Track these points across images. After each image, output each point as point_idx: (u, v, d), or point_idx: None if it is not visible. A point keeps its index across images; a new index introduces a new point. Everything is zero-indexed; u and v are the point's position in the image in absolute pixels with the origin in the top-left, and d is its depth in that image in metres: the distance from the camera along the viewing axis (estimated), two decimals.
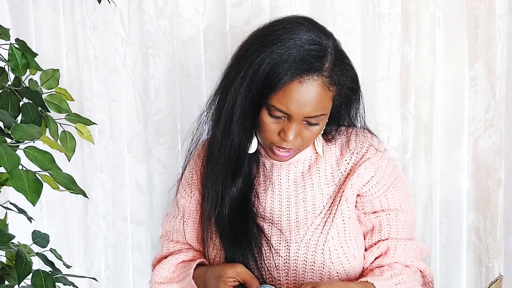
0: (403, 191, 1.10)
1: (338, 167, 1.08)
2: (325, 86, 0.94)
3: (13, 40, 1.05)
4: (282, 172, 1.09)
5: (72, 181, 0.91)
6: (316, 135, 1.01)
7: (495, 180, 1.42)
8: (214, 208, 1.06)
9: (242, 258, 1.03)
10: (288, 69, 0.91)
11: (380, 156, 1.09)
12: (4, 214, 1.19)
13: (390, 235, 1.08)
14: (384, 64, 1.41)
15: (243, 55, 0.97)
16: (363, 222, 1.09)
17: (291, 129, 0.96)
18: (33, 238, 1.11)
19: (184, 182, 1.16)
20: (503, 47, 1.37)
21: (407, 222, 1.09)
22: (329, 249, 1.03)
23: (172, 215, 1.20)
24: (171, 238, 1.19)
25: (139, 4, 1.40)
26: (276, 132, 0.98)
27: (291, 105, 0.93)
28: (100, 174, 1.46)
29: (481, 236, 1.46)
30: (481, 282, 1.47)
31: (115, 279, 1.51)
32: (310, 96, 0.93)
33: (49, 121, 1.08)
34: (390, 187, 1.08)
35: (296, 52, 0.92)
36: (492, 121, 1.42)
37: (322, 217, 1.05)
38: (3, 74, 1.08)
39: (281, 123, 0.97)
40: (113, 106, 1.44)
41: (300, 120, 0.96)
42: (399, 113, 1.43)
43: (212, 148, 1.06)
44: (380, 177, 1.07)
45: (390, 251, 1.07)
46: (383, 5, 1.39)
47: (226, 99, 0.99)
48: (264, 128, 0.98)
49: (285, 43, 0.93)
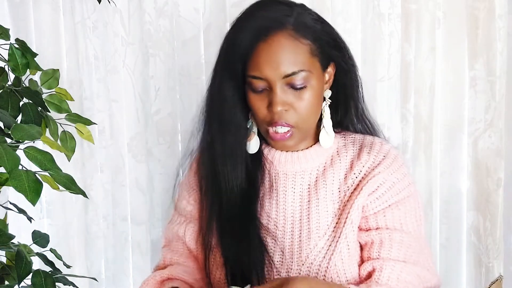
0: (410, 212, 0.98)
1: (346, 181, 0.99)
2: (293, 38, 0.90)
3: (13, 40, 1.05)
4: (288, 183, 1.01)
5: (72, 181, 0.91)
6: (310, 105, 0.93)
7: (495, 180, 1.42)
8: (213, 215, 1.01)
9: (242, 271, 0.97)
10: (250, 33, 0.90)
11: (393, 171, 0.98)
12: (4, 214, 1.19)
13: (380, 255, 0.95)
14: (384, 64, 1.41)
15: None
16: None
17: (276, 96, 0.91)
18: (33, 238, 1.11)
19: (190, 188, 1.09)
20: (503, 47, 1.37)
21: (404, 243, 0.96)
22: (331, 276, 0.96)
23: (176, 222, 1.12)
24: (171, 248, 1.12)
25: (139, 4, 1.40)
26: (265, 107, 0.93)
27: (264, 66, 0.89)
28: (100, 174, 1.46)
29: (481, 236, 1.46)
30: (481, 282, 1.47)
31: (115, 279, 1.51)
32: (280, 51, 0.89)
33: (49, 121, 1.08)
34: (393, 205, 0.97)
35: (259, 16, 0.91)
36: (492, 121, 1.41)
37: (326, 240, 0.98)
38: (3, 74, 1.08)
39: (266, 95, 0.92)
40: (113, 106, 1.44)
41: (282, 85, 0.91)
42: (399, 113, 1.43)
43: (207, 149, 1.01)
44: (383, 192, 0.97)
45: (385, 270, 0.94)
46: (383, 5, 1.39)
47: (211, 94, 0.98)
48: (254, 109, 0.94)
49: (249, 16, 0.92)
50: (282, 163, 1.01)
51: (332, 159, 1.02)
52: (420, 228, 0.99)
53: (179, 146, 1.46)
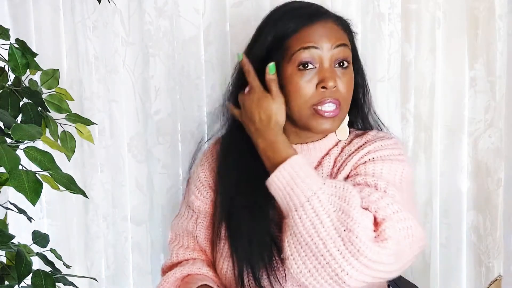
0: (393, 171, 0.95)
1: (335, 164, 1.01)
2: (337, 25, 0.97)
3: (13, 40, 1.05)
4: None
5: (72, 181, 0.91)
6: (351, 86, 0.97)
7: (495, 180, 1.42)
8: (227, 208, 1.02)
9: (252, 267, 0.98)
10: (296, 18, 0.95)
11: (381, 141, 0.99)
12: (4, 214, 1.19)
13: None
14: (384, 64, 1.41)
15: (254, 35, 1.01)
16: None
17: (329, 70, 0.93)
18: (33, 238, 1.11)
19: (198, 182, 1.10)
20: (503, 47, 1.37)
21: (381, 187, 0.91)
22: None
23: (184, 217, 1.14)
24: (181, 244, 1.13)
25: (139, 4, 1.40)
26: (313, 86, 0.93)
27: (317, 36, 0.94)
28: (100, 174, 1.46)
29: (481, 236, 1.46)
30: (481, 282, 1.47)
31: (115, 279, 1.51)
32: (329, 28, 0.95)
33: (49, 121, 1.08)
34: (378, 160, 0.95)
35: (301, 7, 0.99)
36: (492, 121, 1.41)
37: None
38: (3, 74, 1.08)
39: (314, 75, 0.93)
40: (113, 106, 1.44)
41: (331, 60, 0.94)
42: (399, 113, 1.43)
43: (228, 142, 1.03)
44: (368, 151, 0.97)
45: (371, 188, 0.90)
46: (383, 5, 1.39)
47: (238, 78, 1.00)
48: (299, 88, 0.93)
49: (289, 8, 0.99)
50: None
51: (329, 151, 1.04)
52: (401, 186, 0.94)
53: (179, 146, 1.46)
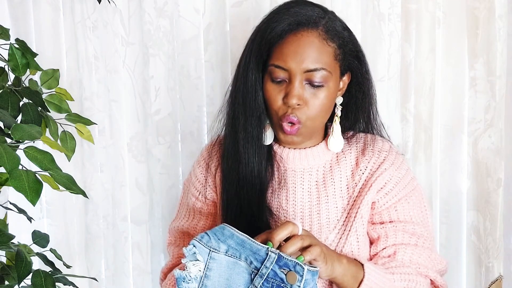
0: (416, 205, 1.05)
1: (353, 178, 1.04)
2: (321, 38, 0.95)
3: (13, 40, 1.05)
4: (296, 179, 1.05)
5: (72, 181, 0.91)
6: (322, 105, 0.97)
7: (495, 180, 1.42)
8: (229, 208, 1.03)
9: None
10: (283, 24, 0.94)
11: (397, 167, 1.04)
12: (4, 214, 1.18)
13: (396, 242, 1.02)
14: (384, 64, 1.41)
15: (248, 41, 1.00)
16: (368, 232, 1.05)
17: (294, 89, 0.94)
18: (33, 238, 1.11)
19: (198, 183, 1.12)
20: (503, 47, 1.37)
21: (416, 232, 1.03)
22: None
23: (184, 219, 1.15)
24: (181, 245, 1.15)
25: (139, 4, 1.40)
26: (280, 99, 0.96)
27: (288, 57, 0.93)
28: (100, 174, 1.46)
29: (481, 236, 1.46)
30: (481, 282, 1.47)
31: (115, 279, 1.51)
32: (307, 47, 0.93)
33: (49, 121, 1.08)
34: (402, 199, 1.03)
35: (294, 12, 0.95)
36: (492, 121, 1.41)
37: (336, 233, 1.02)
38: (3, 74, 1.08)
39: (284, 87, 0.95)
40: (113, 106, 1.44)
41: (301, 79, 0.94)
42: (399, 113, 1.43)
43: (229, 142, 1.03)
44: (392, 188, 1.03)
45: (399, 253, 1.01)
46: (383, 5, 1.39)
47: (237, 80, 1.00)
48: (269, 98, 0.97)
49: (284, 10, 0.97)
50: (290, 160, 1.05)
51: (337, 157, 1.06)
52: (426, 218, 1.05)
53: (179, 146, 1.46)
